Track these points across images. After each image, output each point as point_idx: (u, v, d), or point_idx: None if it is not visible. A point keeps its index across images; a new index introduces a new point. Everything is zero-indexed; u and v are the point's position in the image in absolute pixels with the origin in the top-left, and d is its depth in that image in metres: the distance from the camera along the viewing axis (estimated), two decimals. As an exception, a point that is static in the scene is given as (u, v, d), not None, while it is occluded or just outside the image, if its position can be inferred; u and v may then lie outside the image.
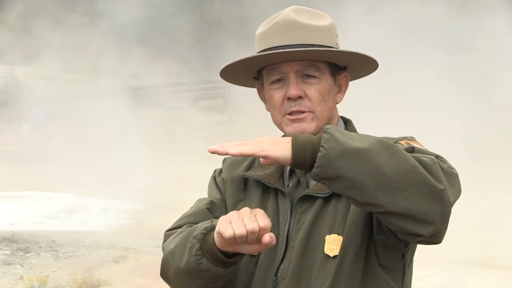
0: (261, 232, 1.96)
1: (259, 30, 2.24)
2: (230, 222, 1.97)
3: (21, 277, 10.75)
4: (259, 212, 1.99)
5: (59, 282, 11.36)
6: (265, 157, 1.94)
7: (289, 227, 2.15)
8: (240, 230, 1.95)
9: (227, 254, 2.06)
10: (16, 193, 21.13)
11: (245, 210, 2.00)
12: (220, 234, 1.99)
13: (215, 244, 2.04)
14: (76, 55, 33.82)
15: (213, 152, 1.94)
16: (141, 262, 12.65)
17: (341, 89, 2.27)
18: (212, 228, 2.07)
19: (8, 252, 13.75)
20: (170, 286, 2.25)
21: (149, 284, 10.86)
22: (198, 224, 2.14)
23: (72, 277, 11.23)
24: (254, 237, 1.97)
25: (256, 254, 2.14)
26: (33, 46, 33.63)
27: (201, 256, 2.07)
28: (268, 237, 1.97)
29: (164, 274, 2.23)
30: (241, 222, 1.96)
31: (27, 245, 14.37)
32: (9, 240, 14.87)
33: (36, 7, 34.98)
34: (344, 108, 2.34)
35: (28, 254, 13.62)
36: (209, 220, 2.14)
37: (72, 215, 18.92)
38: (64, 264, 12.86)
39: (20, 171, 24.32)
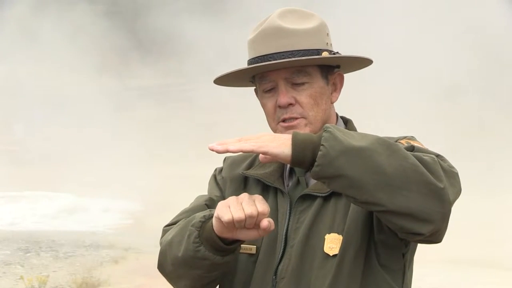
0: (259, 216, 1.97)
1: (249, 37, 2.24)
2: (229, 207, 1.98)
3: (21, 277, 10.76)
4: (258, 197, 2.00)
5: (59, 282, 11.37)
6: (264, 154, 1.94)
7: (287, 226, 2.15)
8: (238, 214, 1.96)
9: (225, 242, 2.06)
10: (16, 193, 21.14)
11: (244, 195, 2.01)
12: (218, 219, 2.00)
13: (213, 230, 2.04)
14: (77, 55, 33.82)
15: (213, 150, 1.95)
16: (141, 262, 12.65)
17: (336, 87, 2.26)
18: (211, 216, 2.07)
19: (8, 252, 13.75)
20: (167, 278, 2.24)
21: (149, 284, 10.86)
22: (196, 214, 2.14)
23: (72, 277, 11.25)
24: (253, 221, 1.97)
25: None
26: (34, 46, 33.63)
27: (199, 243, 2.07)
28: (266, 222, 1.97)
29: (161, 266, 2.22)
30: (240, 206, 1.97)
31: (27, 245, 14.38)
32: (9, 240, 14.88)
33: (37, 6, 34.98)
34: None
35: (28, 254, 13.62)
36: (208, 210, 2.15)
37: (72, 215, 18.94)
38: (64, 264, 12.86)
39: (20, 171, 24.34)
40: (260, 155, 1.95)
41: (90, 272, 11.48)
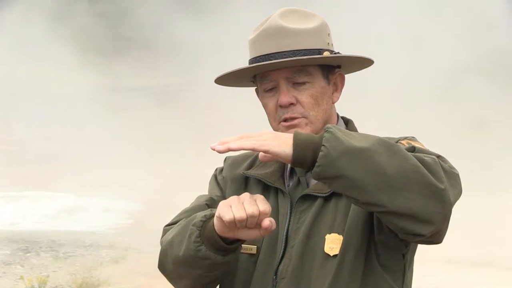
0: (261, 216, 1.98)
1: (250, 36, 2.24)
2: (230, 206, 1.99)
3: (21, 277, 10.76)
4: (259, 197, 2.01)
5: (59, 282, 11.37)
6: (265, 152, 1.94)
7: (288, 226, 2.15)
8: (240, 214, 1.97)
9: (227, 241, 2.06)
10: (16, 193, 21.11)
11: (245, 195, 2.01)
12: (220, 218, 2.01)
13: (214, 230, 2.05)
14: (76, 55, 33.82)
15: (214, 150, 1.95)
16: (141, 262, 12.64)
17: (337, 87, 2.26)
18: (212, 216, 2.08)
19: (8, 252, 13.75)
20: (167, 278, 2.24)
21: (149, 284, 10.85)
22: (197, 213, 2.15)
23: (72, 277, 11.25)
24: (254, 221, 1.98)
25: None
26: (33, 46, 33.63)
27: (200, 243, 2.07)
28: (267, 221, 1.98)
29: (162, 266, 2.22)
30: (241, 206, 1.98)
31: (27, 245, 14.38)
32: (9, 240, 14.88)
33: (37, 7, 34.99)
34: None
35: (28, 254, 13.62)
36: (209, 209, 2.15)
37: (72, 215, 18.92)
38: (64, 264, 12.86)
39: (20, 171, 24.33)
40: (260, 153, 1.96)
41: (90, 272, 11.47)
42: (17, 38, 33.94)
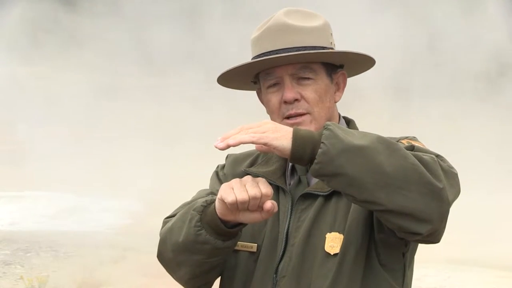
0: (263, 198, 1.99)
1: (253, 35, 2.25)
2: (232, 189, 2.00)
3: (21, 277, 10.76)
4: (261, 180, 2.02)
5: (59, 282, 11.36)
6: (263, 145, 1.95)
7: (289, 224, 2.16)
8: (242, 196, 1.97)
9: (227, 225, 2.07)
10: (16, 193, 21.11)
11: (247, 177, 2.02)
12: (222, 201, 2.01)
13: (215, 213, 2.05)
14: (76, 55, 33.81)
15: (216, 147, 1.96)
16: (141, 262, 12.63)
17: (339, 87, 2.28)
18: (212, 201, 2.08)
19: (8, 252, 13.75)
20: (166, 268, 2.24)
21: (149, 284, 10.85)
22: (197, 200, 2.15)
23: (72, 277, 11.24)
24: (256, 203, 1.99)
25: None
26: (34, 46, 33.63)
27: (200, 227, 2.07)
28: (269, 204, 1.99)
29: (160, 255, 2.22)
30: (243, 188, 1.99)
31: (27, 245, 14.37)
32: (9, 240, 14.87)
33: (36, 6, 35.00)
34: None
35: (28, 254, 13.62)
36: (210, 196, 2.16)
37: (72, 215, 18.91)
38: (64, 264, 12.85)
39: (20, 171, 24.32)
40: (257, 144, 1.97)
41: (90, 272, 11.47)
42: (18, 38, 33.94)
